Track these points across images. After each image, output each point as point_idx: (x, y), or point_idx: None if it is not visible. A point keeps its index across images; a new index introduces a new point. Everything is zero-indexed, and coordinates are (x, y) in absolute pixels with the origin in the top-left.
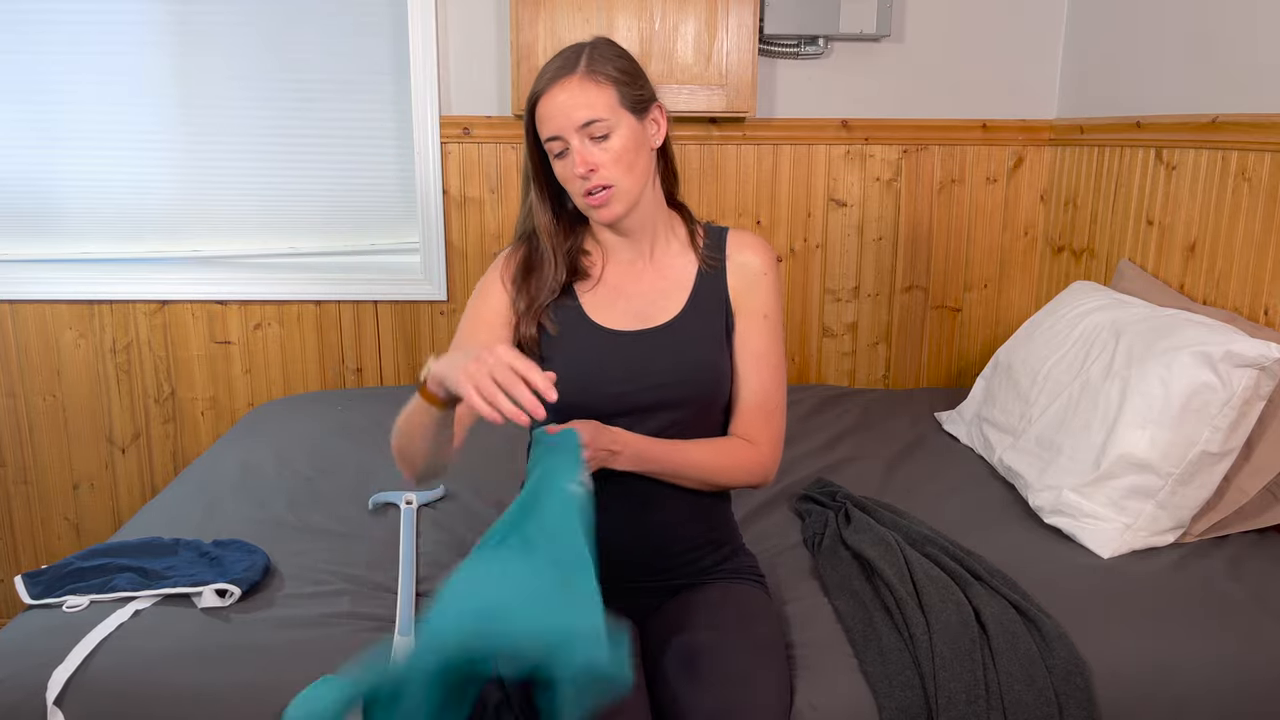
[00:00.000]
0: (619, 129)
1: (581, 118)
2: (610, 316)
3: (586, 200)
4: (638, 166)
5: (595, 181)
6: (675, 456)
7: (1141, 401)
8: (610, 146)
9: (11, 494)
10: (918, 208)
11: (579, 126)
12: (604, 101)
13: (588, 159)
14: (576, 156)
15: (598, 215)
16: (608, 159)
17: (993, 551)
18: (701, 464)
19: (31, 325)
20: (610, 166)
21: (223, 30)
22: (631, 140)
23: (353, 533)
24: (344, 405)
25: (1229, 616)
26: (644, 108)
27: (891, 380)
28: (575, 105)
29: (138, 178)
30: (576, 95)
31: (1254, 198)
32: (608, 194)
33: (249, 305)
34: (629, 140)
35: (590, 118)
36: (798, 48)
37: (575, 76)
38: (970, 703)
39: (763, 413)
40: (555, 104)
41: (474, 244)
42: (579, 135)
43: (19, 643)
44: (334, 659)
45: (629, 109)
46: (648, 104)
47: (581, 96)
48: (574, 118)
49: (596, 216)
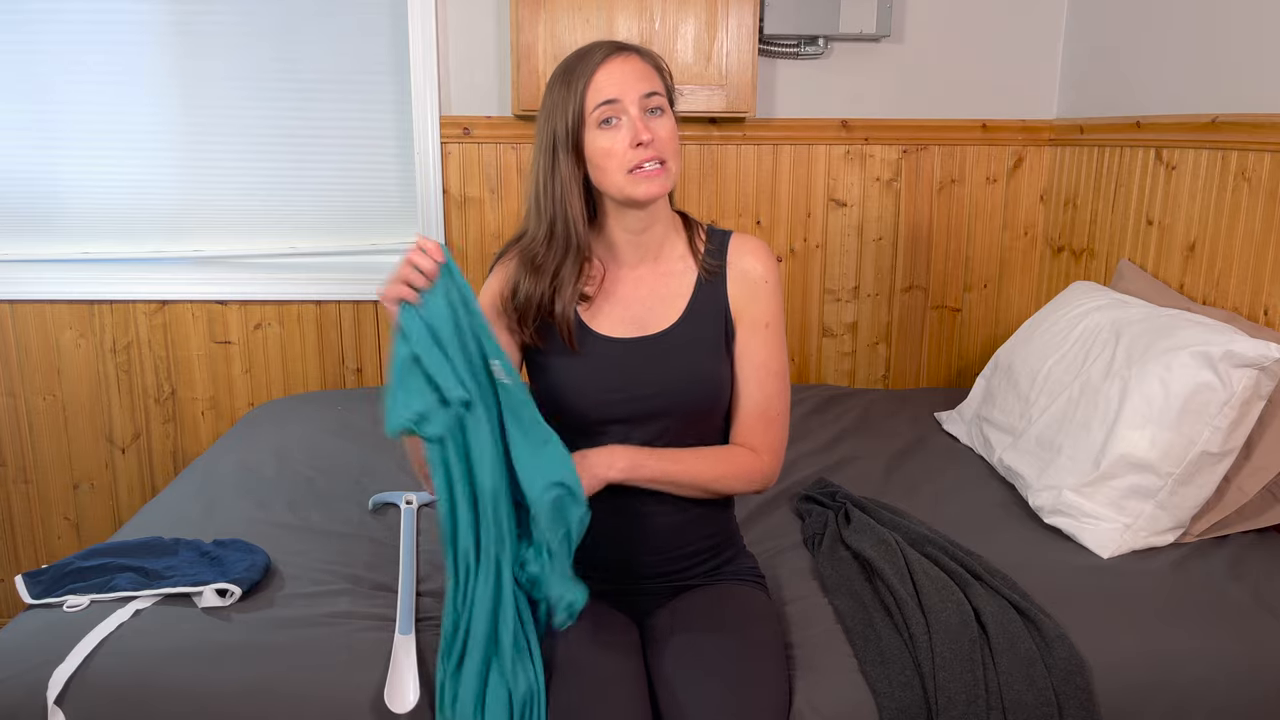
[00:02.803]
0: (668, 112)
1: (645, 88)
2: (608, 324)
3: (636, 174)
4: (679, 154)
5: (655, 151)
6: (673, 466)
7: (1141, 401)
8: (665, 123)
9: (11, 494)
10: (917, 208)
11: (642, 95)
12: (659, 82)
13: (650, 126)
14: (638, 124)
15: (644, 189)
16: (664, 134)
17: (993, 551)
18: (701, 473)
19: (31, 325)
20: (666, 142)
21: (223, 30)
22: (675, 127)
23: (353, 533)
24: (344, 405)
25: (1229, 616)
26: (674, 105)
27: (891, 380)
28: (639, 75)
29: (138, 178)
30: (639, 68)
31: (1254, 198)
32: (662, 169)
33: (249, 305)
34: (674, 126)
35: (652, 89)
36: (797, 48)
37: (635, 55)
38: (970, 703)
39: (763, 420)
40: (619, 71)
41: (474, 244)
42: (639, 105)
43: (19, 642)
44: (334, 659)
45: (670, 102)
46: (674, 104)
47: (644, 70)
48: (638, 86)
49: (642, 190)
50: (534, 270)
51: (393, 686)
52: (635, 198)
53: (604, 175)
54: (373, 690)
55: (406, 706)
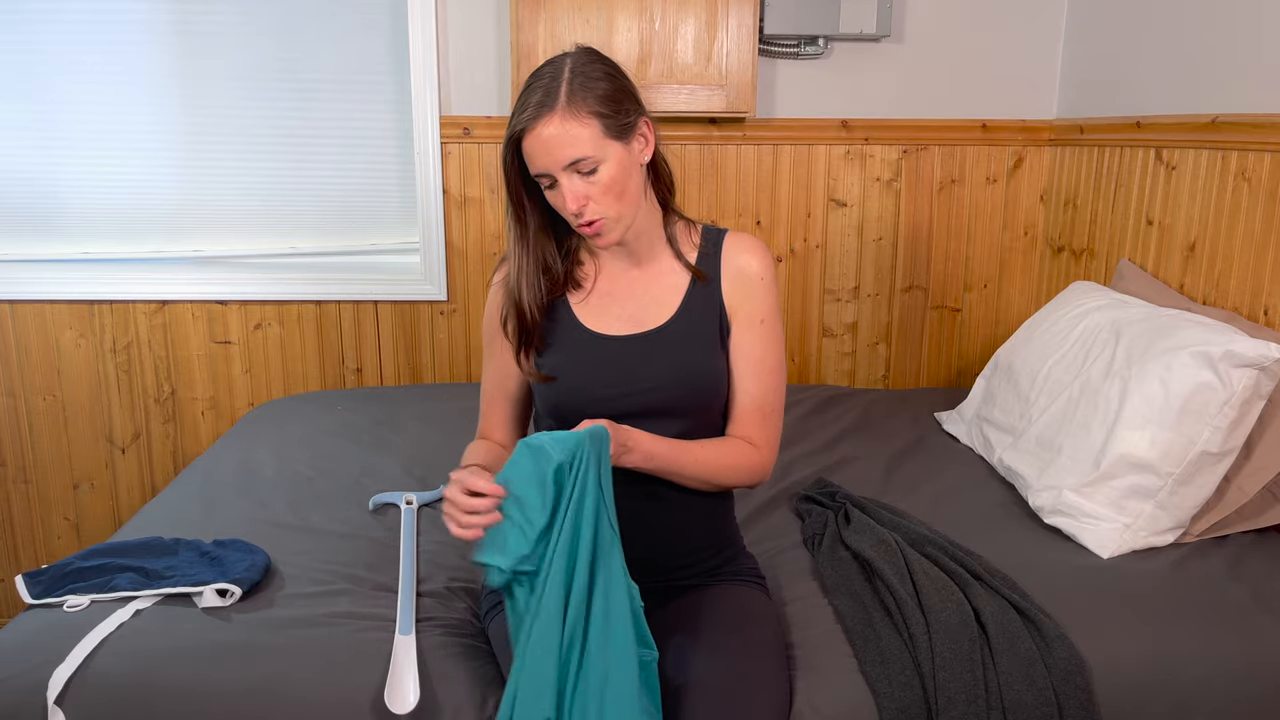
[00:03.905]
0: (606, 161)
1: (567, 156)
2: (603, 322)
3: (581, 230)
4: (629, 192)
5: (587, 217)
6: (682, 456)
7: (1141, 401)
8: (598, 180)
9: (11, 494)
10: (917, 208)
11: (564, 166)
12: (588, 136)
13: (577, 194)
14: (566, 194)
15: (595, 244)
16: (596, 191)
17: (993, 551)
18: (706, 464)
19: (31, 325)
20: (600, 199)
21: (223, 30)
22: (620, 169)
23: (353, 533)
24: (344, 405)
25: (1229, 616)
26: (629, 132)
27: (891, 380)
28: (559, 145)
29: (138, 178)
30: (559, 135)
31: (1254, 198)
32: (600, 224)
33: (249, 305)
34: (617, 169)
35: (576, 156)
36: (798, 48)
37: (556, 115)
38: (970, 703)
39: (760, 415)
40: (539, 142)
41: (474, 244)
42: (566, 173)
43: (19, 642)
44: (334, 659)
45: (615, 138)
46: (633, 127)
47: (564, 135)
48: (558, 157)
49: (594, 245)
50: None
51: (393, 686)
52: (593, 246)
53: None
54: (373, 690)
55: (406, 707)
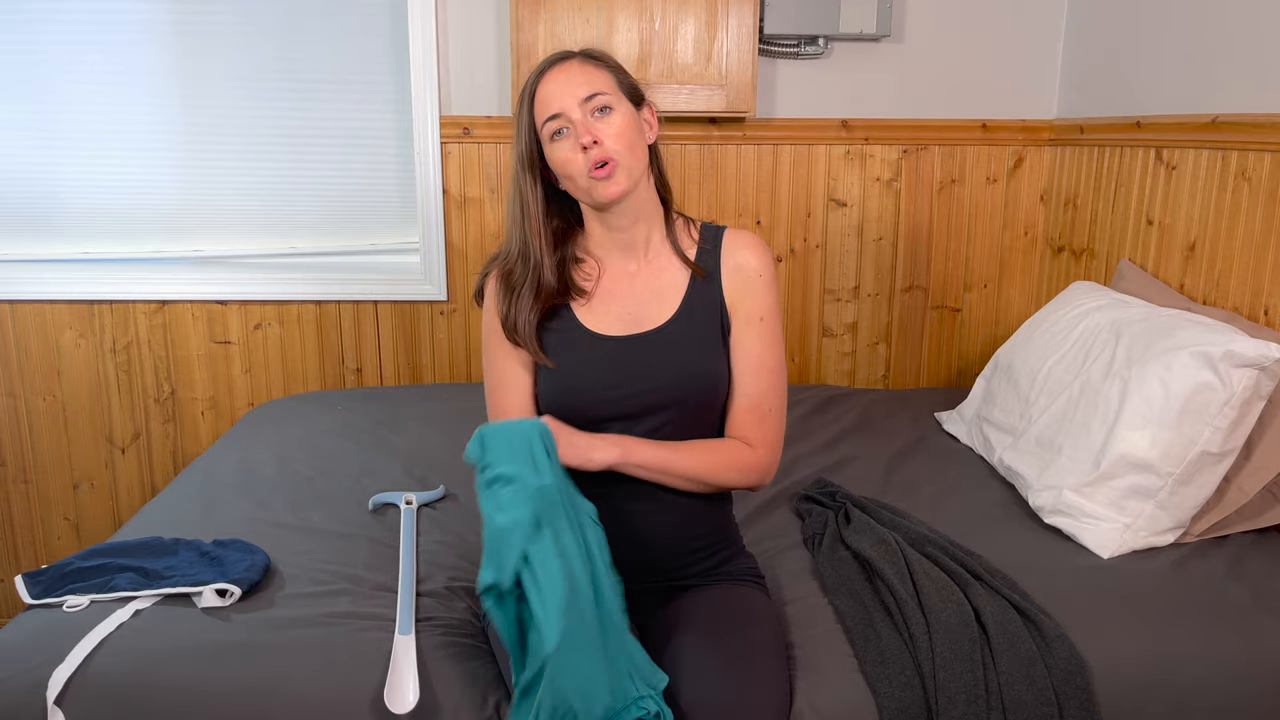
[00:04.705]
0: (619, 107)
1: (583, 92)
2: (603, 322)
3: (591, 177)
4: (637, 149)
5: (599, 154)
6: (665, 456)
7: (1141, 401)
8: (612, 121)
9: (11, 494)
10: (917, 208)
11: (582, 100)
12: (604, 79)
13: (592, 129)
14: (580, 128)
15: (604, 190)
16: (611, 133)
17: (993, 551)
18: (693, 467)
19: (31, 325)
20: (614, 140)
21: (223, 30)
22: (630, 122)
23: (353, 533)
24: (344, 405)
25: (1229, 616)
26: (639, 100)
27: (891, 380)
28: (578, 80)
29: (138, 178)
30: (577, 74)
31: (1254, 198)
32: (612, 166)
33: (249, 305)
34: (629, 120)
35: (592, 91)
36: (798, 48)
37: (575, 60)
38: (970, 703)
39: (757, 414)
40: (556, 82)
41: (474, 244)
42: (581, 109)
43: (19, 643)
44: (334, 659)
45: (627, 95)
46: (641, 98)
47: (583, 74)
48: (577, 92)
49: (602, 192)
50: (508, 289)
51: (393, 686)
52: (599, 200)
53: (572, 184)
54: (373, 690)
55: (406, 707)
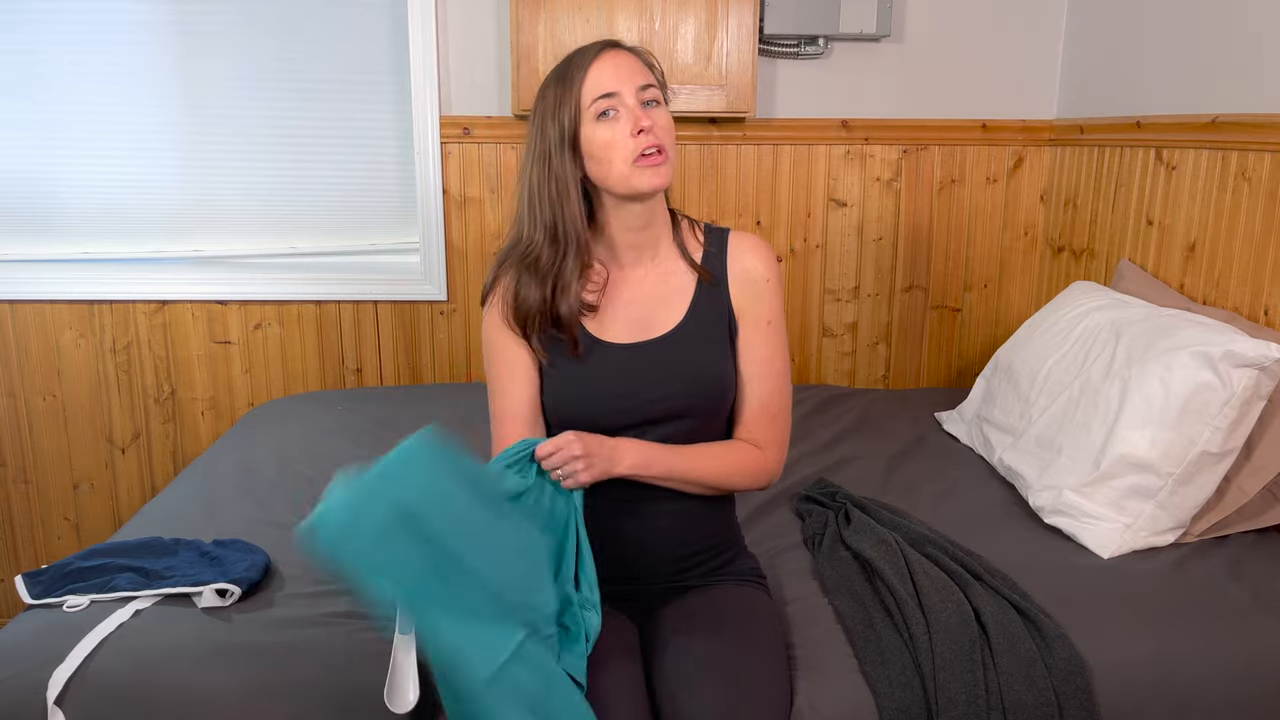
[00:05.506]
0: (663, 105)
1: (640, 80)
2: (611, 329)
3: (638, 164)
4: (676, 147)
5: (654, 140)
6: (681, 464)
7: (1141, 401)
8: (662, 115)
9: (11, 494)
10: (917, 208)
11: (638, 87)
12: (653, 77)
13: (647, 116)
14: (636, 112)
15: (648, 180)
16: (662, 125)
17: (993, 551)
18: (707, 470)
19: (31, 325)
20: (663, 133)
21: (223, 30)
22: (671, 121)
23: None
24: (344, 405)
25: (1229, 616)
26: (668, 102)
27: (891, 380)
28: (634, 69)
29: (138, 177)
30: (633, 62)
31: (1254, 198)
32: (663, 157)
33: (249, 305)
34: (670, 120)
35: (648, 81)
36: (798, 48)
37: (629, 51)
38: (970, 703)
39: (766, 417)
40: (614, 65)
41: (474, 244)
42: (635, 96)
43: (19, 643)
44: (334, 659)
45: (665, 97)
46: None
47: (638, 65)
48: (634, 78)
49: (646, 181)
50: (536, 275)
51: (393, 686)
52: (639, 189)
53: (607, 168)
54: (373, 690)
55: (406, 706)
